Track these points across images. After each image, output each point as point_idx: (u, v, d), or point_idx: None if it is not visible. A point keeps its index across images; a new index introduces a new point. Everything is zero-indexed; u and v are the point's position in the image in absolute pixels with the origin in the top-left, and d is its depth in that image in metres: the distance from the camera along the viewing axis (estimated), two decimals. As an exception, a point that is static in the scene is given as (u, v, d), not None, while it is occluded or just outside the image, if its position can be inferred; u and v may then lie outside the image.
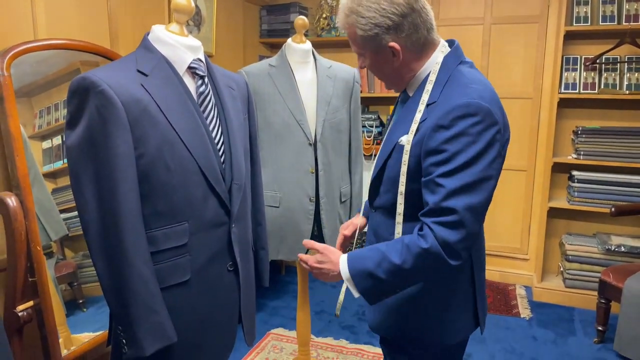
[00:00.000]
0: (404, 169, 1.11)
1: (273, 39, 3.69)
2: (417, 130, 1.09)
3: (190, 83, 1.17)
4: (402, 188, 1.12)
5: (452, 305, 1.20)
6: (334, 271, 1.13)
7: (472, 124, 1.01)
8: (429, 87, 1.14)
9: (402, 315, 1.21)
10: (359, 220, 1.42)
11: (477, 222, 1.04)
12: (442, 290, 1.18)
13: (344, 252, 1.20)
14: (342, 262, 1.12)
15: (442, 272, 1.07)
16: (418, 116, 1.11)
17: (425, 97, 1.12)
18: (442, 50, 1.18)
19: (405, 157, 1.10)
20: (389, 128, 1.27)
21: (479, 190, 1.02)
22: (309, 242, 1.23)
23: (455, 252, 1.02)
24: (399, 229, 1.14)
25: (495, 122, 1.04)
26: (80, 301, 1.83)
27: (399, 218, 1.14)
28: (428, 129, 1.06)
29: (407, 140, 1.10)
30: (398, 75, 1.18)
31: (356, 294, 1.11)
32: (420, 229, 1.05)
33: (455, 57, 1.17)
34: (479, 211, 1.04)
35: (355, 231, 1.40)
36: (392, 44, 1.11)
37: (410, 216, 1.12)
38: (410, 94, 1.20)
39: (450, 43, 1.20)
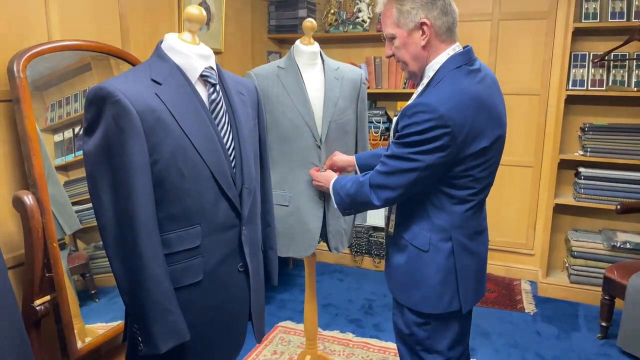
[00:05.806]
0: None
1: (281, 34, 3.70)
2: None
3: (202, 90, 1.20)
4: None
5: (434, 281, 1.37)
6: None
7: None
8: (419, 88, 1.31)
9: (399, 284, 1.45)
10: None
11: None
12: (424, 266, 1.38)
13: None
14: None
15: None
16: None
17: (413, 96, 1.32)
18: (449, 53, 1.28)
19: None
20: None
21: None
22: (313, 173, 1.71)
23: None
24: None
25: None
26: (93, 292, 1.86)
27: None
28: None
29: None
30: (421, 58, 1.31)
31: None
32: None
33: (455, 61, 1.27)
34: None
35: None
36: (424, 19, 1.25)
37: None
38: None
39: (465, 49, 1.32)
